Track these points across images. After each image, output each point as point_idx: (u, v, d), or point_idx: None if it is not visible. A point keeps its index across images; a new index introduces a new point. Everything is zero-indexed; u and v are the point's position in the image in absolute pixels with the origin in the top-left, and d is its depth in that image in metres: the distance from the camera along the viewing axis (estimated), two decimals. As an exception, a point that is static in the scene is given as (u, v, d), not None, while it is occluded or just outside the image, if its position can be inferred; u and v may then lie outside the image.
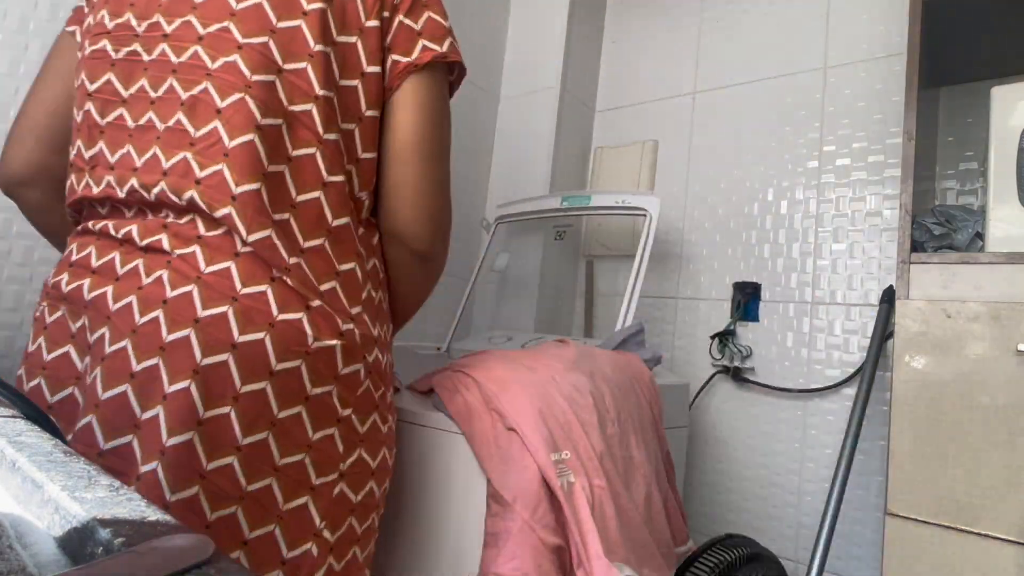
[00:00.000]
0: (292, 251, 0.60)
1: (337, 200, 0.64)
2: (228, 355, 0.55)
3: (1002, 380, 0.88)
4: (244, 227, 0.58)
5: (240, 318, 0.56)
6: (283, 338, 0.57)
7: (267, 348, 0.56)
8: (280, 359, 0.57)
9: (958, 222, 1.11)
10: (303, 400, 0.59)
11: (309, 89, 0.61)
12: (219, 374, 0.55)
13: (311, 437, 0.60)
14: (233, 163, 0.58)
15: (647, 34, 1.90)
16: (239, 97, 0.59)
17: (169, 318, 0.55)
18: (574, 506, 0.80)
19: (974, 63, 1.27)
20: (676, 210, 1.72)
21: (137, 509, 0.25)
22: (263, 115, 0.59)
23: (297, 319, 0.58)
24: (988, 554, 0.86)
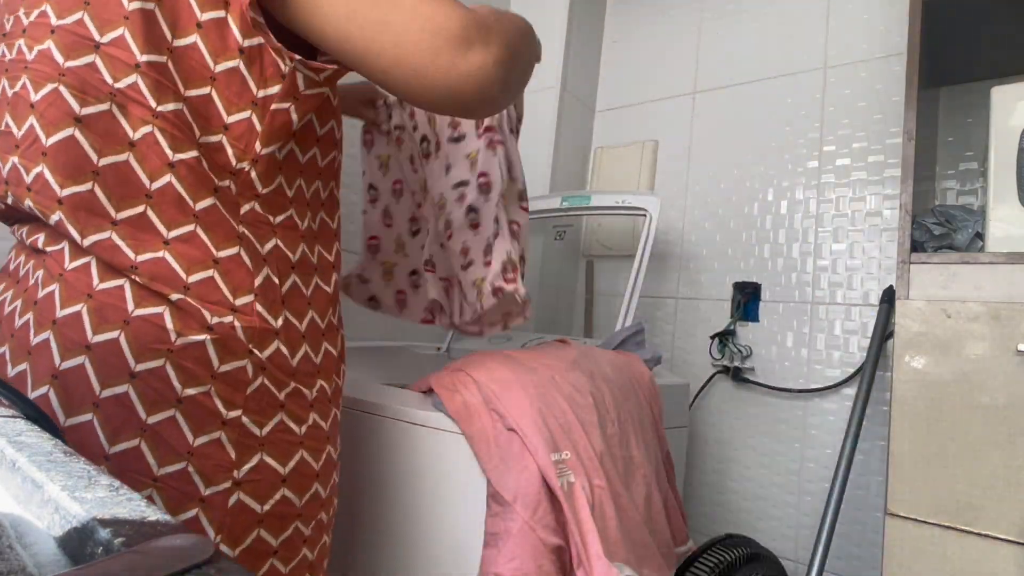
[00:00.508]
0: (148, 246, 0.54)
1: (194, 180, 0.55)
2: (84, 357, 0.51)
3: (1002, 380, 0.88)
4: (77, 232, 0.52)
5: (94, 317, 0.52)
6: (141, 336, 0.52)
7: (123, 348, 0.52)
8: (139, 359, 0.52)
9: (958, 222, 1.11)
10: (175, 402, 0.54)
11: (129, 58, 0.52)
12: (77, 377, 0.51)
13: (191, 443, 0.54)
14: (54, 163, 0.52)
15: (647, 34, 1.90)
16: (52, 88, 0.52)
17: (36, 321, 0.53)
18: (574, 506, 0.80)
19: (974, 63, 1.27)
20: (676, 210, 1.72)
21: (137, 509, 0.25)
22: (82, 104, 0.52)
23: (156, 314, 0.53)
24: (988, 554, 0.86)
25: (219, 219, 0.57)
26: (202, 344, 0.55)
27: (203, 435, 0.55)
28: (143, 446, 0.52)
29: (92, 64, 0.52)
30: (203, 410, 0.55)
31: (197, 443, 0.54)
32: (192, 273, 0.55)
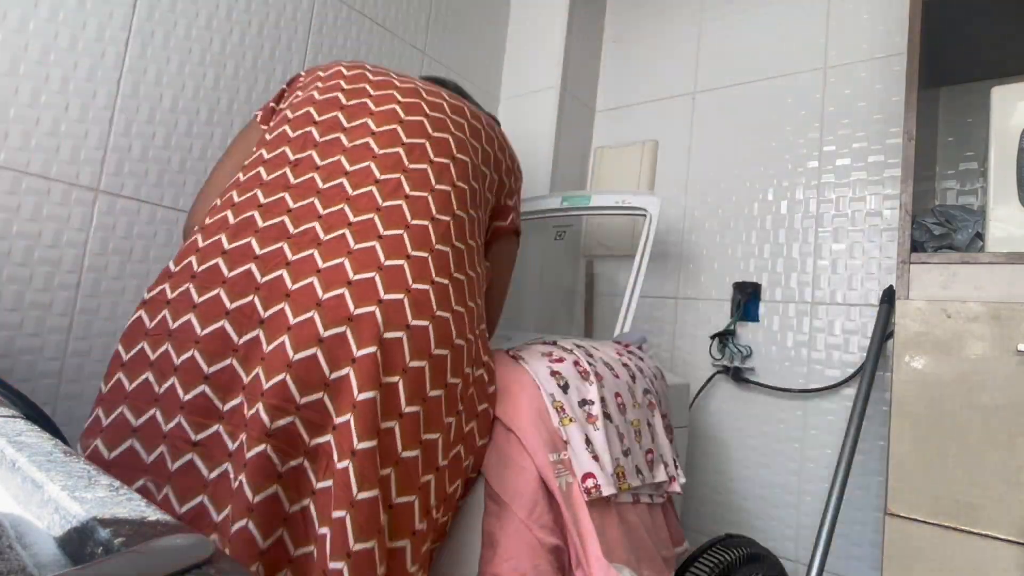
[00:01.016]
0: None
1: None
2: (403, 334, 0.66)
3: (1002, 380, 0.88)
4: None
5: (413, 307, 0.68)
6: (440, 329, 0.69)
7: (430, 335, 0.68)
8: (437, 346, 0.68)
9: (958, 222, 1.11)
10: (443, 386, 0.69)
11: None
12: (394, 349, 0.65)
13: (444, 420, 0.70)
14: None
15: (647, 34, 1.90)
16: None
17: (354, 295, 0.66)
18: (572, 506, 0.80)
19: (974, 63, 1.27)
20: (676, 210, 1.72)
21: (137, 509, 0.25)
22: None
23: (446, 318, 0.71)
24: (988, 554, 0.86)
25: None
26: (461, 348, 0.75)
27: (448, 417, 0.72)
28: (420, 414, 0.67)
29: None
30: (452, 398, 0.73)
31: (446, 421, 0.71)
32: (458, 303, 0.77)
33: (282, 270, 0.67)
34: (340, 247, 0.69)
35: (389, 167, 0.77)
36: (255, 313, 0.65)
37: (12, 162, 0.93)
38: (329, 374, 0.62)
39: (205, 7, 1.15)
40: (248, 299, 0.66)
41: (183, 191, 1.13)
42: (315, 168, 0.76)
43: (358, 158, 0.78)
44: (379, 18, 1.49)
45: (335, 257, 0.68)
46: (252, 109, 1.22)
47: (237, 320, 0.65)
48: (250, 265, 0.67)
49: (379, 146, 0.79)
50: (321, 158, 0.77)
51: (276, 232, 0.70)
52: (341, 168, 0.76)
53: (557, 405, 0.86)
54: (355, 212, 0.72)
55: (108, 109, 1.03)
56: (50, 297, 0.97)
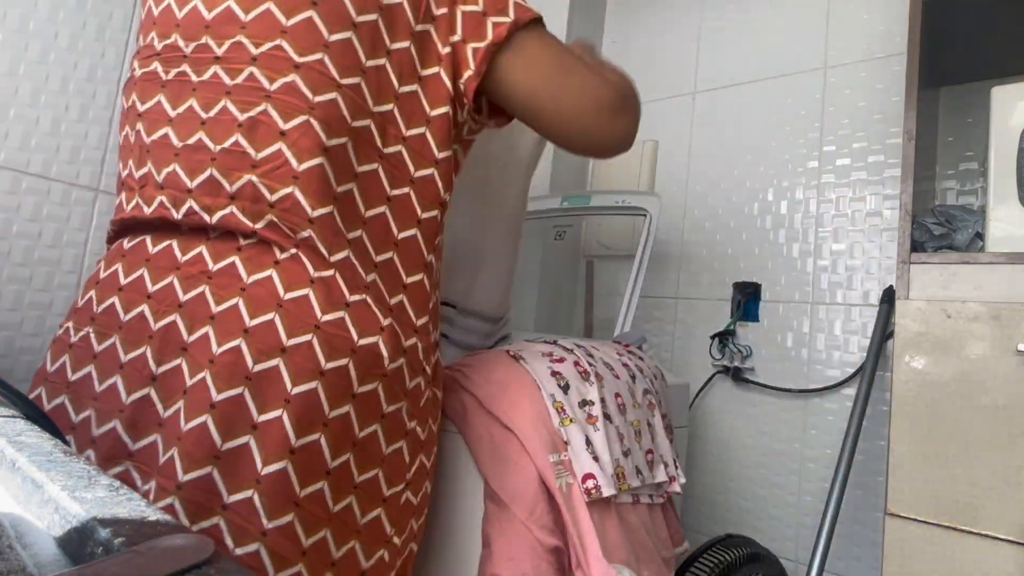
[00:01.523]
0: (367, 268, 0.62)
1: (403, 213, 0.64)
2: (317, 383, 0.56)
3: (1002, 380, 0.88)
4: (325, 249, 0.58)
5: (325, 347, 0.56)
6: (364, 363, 0.58)
7: (351, 374, 0.58)
8: (361, 383, 0.58)
9: (958, 222, 1.11)
10: (379, 418, 0.61)
11: (364, 104, 0.61)
12: (310, 402, 0.55)
13: (384, 452, 0.62)
14: (305, 187, 0.58)
15: (647, 34, 1.90)
16: (303, 119, 0.59)
17: (253, 347, 0.55)
18: (572, 507, 0.80)
19: (974, 63, 1.27)
20: (676, 210, 1.72)
21: (137, 509, 0.25)
22: (328, 136, 0.59)
23: (374, 343, 0.59)
24: (988, 554, 0.86)
25: (415, 248, 0.66)
26: (401, 368, 0.62)
27: (392, 445, 0.63)
28: (351, 459, 0.58)
29: (334, 101, 0.60)
30: (397, 423, 0.63)
31: (388, 452, 0.62)
32: (392, 296, 0.63)
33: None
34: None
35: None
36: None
37: (12, 162, 0.93)
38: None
39: (205, 7, 1.15)
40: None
41: (183, 191, 1.13)
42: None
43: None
44: (379, 18, 1.49)
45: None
46: (252, 109, 1.22)
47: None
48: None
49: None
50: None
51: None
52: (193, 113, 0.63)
53: (558, 406, 0.86)
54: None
55: (108, 109, 1.03)
56: (50, 297, 0.97)
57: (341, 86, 0.60)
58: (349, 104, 0.60)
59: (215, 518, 0.52)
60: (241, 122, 0.59)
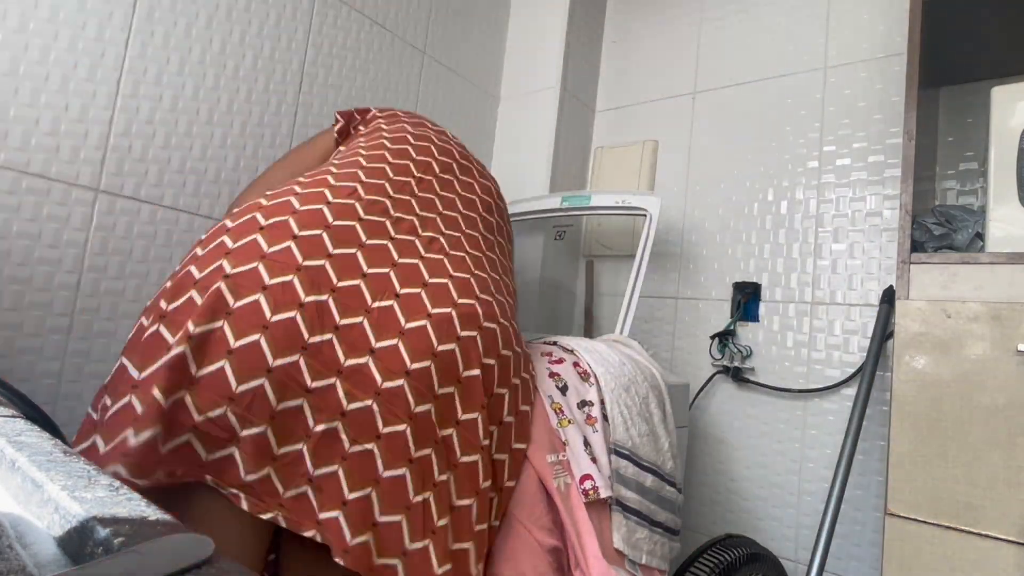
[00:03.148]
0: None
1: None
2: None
3: (1002, 380, 0.88)
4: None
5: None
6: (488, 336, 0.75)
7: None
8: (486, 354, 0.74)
9: (958, 222, 1.11)
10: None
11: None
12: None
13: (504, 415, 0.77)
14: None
15: (647, 34, 1.90)
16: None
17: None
18: (571, 507, 0.80)
19: (974, 63, 1.27)
20: (676, 210, 1.72)
21: (137, 509, 0.25)
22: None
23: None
24: (988, 554, 0.86)
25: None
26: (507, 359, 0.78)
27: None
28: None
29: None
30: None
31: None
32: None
33: (392, 301, 0.69)
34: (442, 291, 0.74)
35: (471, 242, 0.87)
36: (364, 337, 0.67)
37: (12, 162, 0.93)
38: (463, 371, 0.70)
39: (205, 7, 1.15)
40: (359, 319, 0.66)
41: (183, 191, 1.13)
42: (414, 213, 0.81)
43: (450, 224, 0.85)
44: (379, 18, 1.49)
45: (441, 306, 0.73)
46: (252, 109, 1.22)
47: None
48: (358, 281, 0.68)
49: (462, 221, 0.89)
50: (440, 188, 0.89)
51: (382, 255, 0.73)
52: (436, 226, 0.82)
53: (556, 407, 0.86)
54: (453, 265, 0.78)
55: (108, 109, 1.03)
56: (50, 297, 0.97)
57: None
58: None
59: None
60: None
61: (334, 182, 0.77)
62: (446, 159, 0.96)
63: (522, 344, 0.83)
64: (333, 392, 0.61)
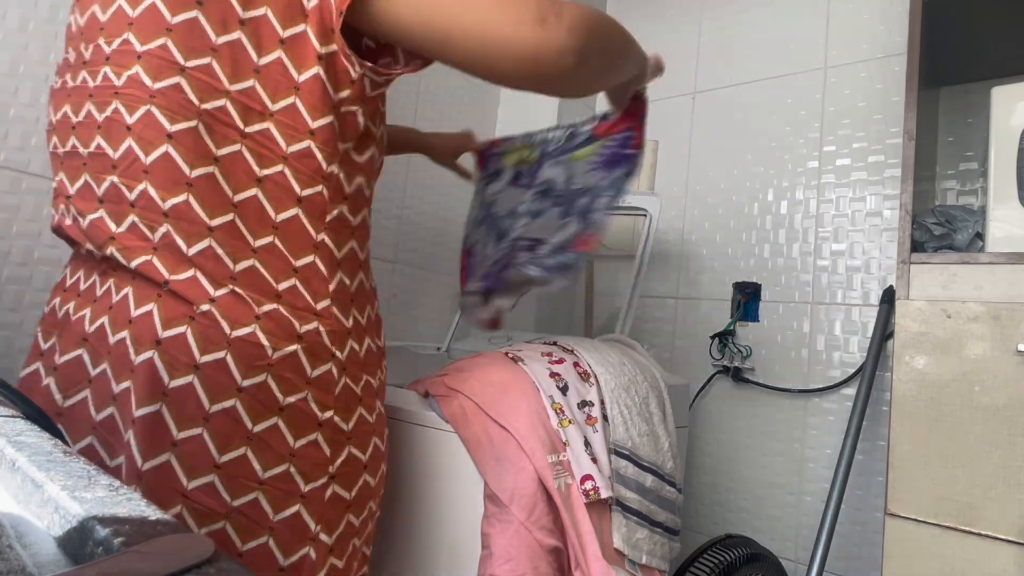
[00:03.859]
0: (242, 254, 0.58)
1: (278, 194, 0.60)
2: (193, 377, 0.55)
3: (1002, 380, 0.88)
4: (184, 242, 0.56)
5: (200, 340, 0.56)
6: (243, 355, 0.56)
7: (230, 367, 0.56)
8: (245, 376, 0.56)
9: (958, 222, 1.11)
10: (277, 411, 0.58)
11: (218, 84, 0.57)
12: (187, 395, 0.55)
13: (292, 446, 0.59)
14: (155, 179, 0.56)
15: (647, 34, 1.90)
16: (145, 110, 0.56)
17: (134, 339, 0.56)
18: (571, 507, 0.80)
19: (974, 63, 1.27)
20: (676, 210, 1.72)
21: (137, 509, 0.25)
22: (172, 122, 0.56)
23: (250, 332, 0.57)
24: (988, 554, 0.86)
25: (299, 228, 0.61)
26: (295, 354, 0.59)
27: (302, 438, 0.60)
28: (248, 453, 0.57)
29: (178, 86, 0.56)
30: (301, 415, 0.60)
31: (297, 445, 0.59)
32: (280, 282, 0.60)
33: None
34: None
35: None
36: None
37: (12, 162, 0.93)
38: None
39: (205, 7, 1.15)
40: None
41: (183, 191, 1.12)
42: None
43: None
44: (379, 18, 1.49)
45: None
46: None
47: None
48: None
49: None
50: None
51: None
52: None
53: (556, 407, 0.86)
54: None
55: (108, 109, 1.03)
56: (50, 297, 0.96)
57: (185, 69, 0.57)
58: (196, 86, 0.57)
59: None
60: (100, 123, 0.59)
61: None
62: None
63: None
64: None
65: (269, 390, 0.58)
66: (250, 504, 0.57)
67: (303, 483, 0.60)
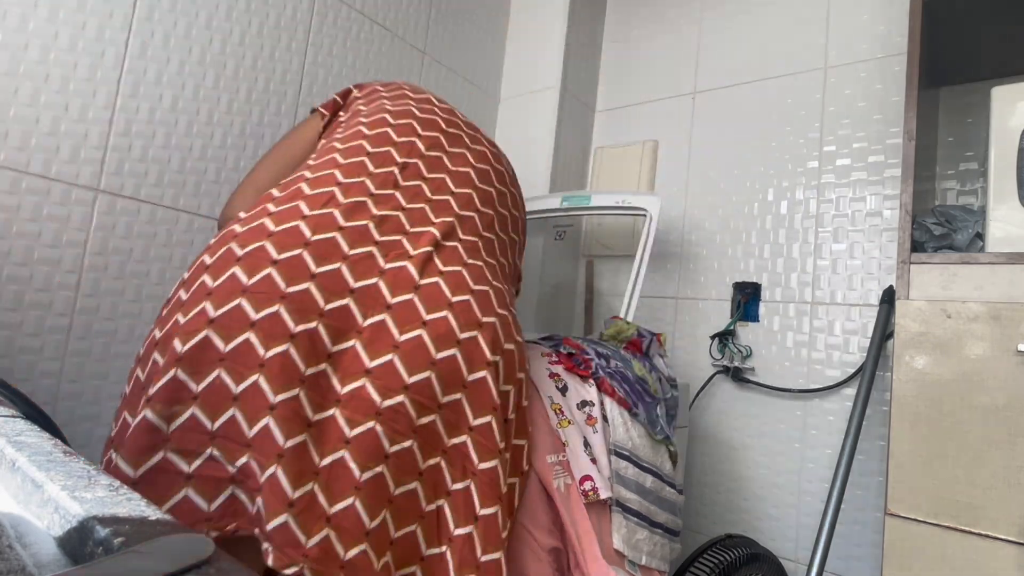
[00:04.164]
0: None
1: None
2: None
3: (1002, 380, 0.88)
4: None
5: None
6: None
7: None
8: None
9: (958, 222, 1.11)
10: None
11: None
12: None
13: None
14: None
15: (647, 34, 1.90)
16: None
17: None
18: (570, 508, 0.80)
19: (974, 63, 1.27)
20: (676, 210, 1.72)
21: (137, 509, 0.25)
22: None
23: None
24: (988, 554, 0.86)
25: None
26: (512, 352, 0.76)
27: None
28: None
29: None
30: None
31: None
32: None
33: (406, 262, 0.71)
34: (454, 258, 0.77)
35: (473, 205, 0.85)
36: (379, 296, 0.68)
37: (12, 162, 0.93)
38: (467, 375, 0.69)
39: (205, 7, 1.15)
40: (372, 281, 0.69)
41: (183, 191, 1.13)
42: (399, 208, 0.77)
43: (461, 182, 0.85)
44: (379, 18, 1.49)
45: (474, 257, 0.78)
46: (252, 109, 1.22)
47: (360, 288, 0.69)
48: (347, 301, 0.67)
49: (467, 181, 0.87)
50: (428, 170, 0.84)
51: (395, 225, 0.74)
52: (425, 216, 0.78)
53: (555, 407, 0.86)
54: (443, 259, 0.75)
55: (108, 109, 1.03)
56: (50, 297, 0.97)
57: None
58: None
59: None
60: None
61: (309, 191, 0.73)
62: (432, 133, 0.88)
63: (520, 332, 0.80)
64: (334, 423, 0.61)
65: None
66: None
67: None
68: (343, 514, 0.58)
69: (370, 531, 0.59)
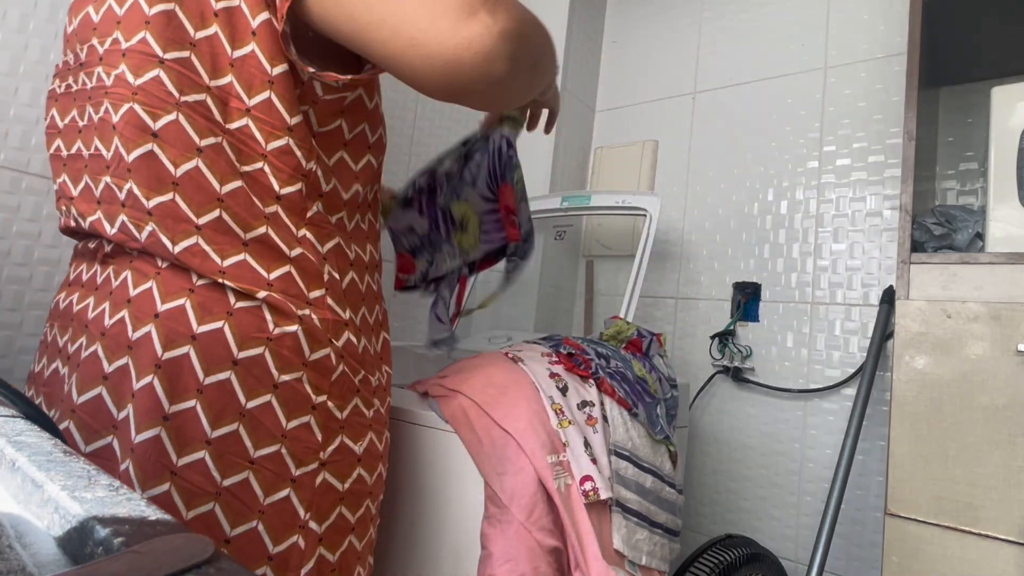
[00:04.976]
0: (230, 249, 0.57)
1: (260, 191, 0.59)
2: (189, 347, 0.54)
3: (1002, 380, 0.88)
4: (169, 240, 0.55)
5: (198, 309, 0.55)
6: (242, 326, 0.56)
7: (227, 337, 0.55)
8: (241, 348, 0.56)
9: (958, 222, 1.11)
10: (271, 387, 0.57)
11: (198, 78, 0.56)
12: (182, 366, 0.54)
13: (284, 427, 0.58)
14: (139, 177, 0.55)
15: (647, 34, 1.90)
16: (127, 107, 0.55)
17: (133, 316, 0.56)
18: (571, 508, 0.80)
19: (974, 63, 1.27)
20: (676, 210, 1.72)
21: (137, 508, 0.25)
22: (154, 119, 0.55)
23: (255, 306, 0.57)
24: (988, 554, 0.86)
25: (283, 225, 0.60)
26: (295, 334, 0.58)
27: (295, 419, 0.59)
28: (241, 429, 0.56)
29: (158, 78, 0.55)
30: (296, 395, 0.59)
31: (290, 426, 0.58)
32: (273, 271, 0.59)
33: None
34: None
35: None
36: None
37: (12, 162, 0.93)
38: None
39: (205, 7, 1.15)
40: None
41: (183, 191, 1.13)
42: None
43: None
44: (379, 18, 1.49)
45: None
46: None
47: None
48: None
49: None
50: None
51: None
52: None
53: (556, 407, 0.86)
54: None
55: (108, 109, 1.03)
56: (50, 297, 0.97)
57: (164, 61, 0.54)
58: (175, 79, 0.54)
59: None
60: (96, 125, 0.58)
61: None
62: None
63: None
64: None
65: (265, 365, 0.57)
66: (240, 485, 0.55)
67: (294, 467, 0.58)
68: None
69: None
